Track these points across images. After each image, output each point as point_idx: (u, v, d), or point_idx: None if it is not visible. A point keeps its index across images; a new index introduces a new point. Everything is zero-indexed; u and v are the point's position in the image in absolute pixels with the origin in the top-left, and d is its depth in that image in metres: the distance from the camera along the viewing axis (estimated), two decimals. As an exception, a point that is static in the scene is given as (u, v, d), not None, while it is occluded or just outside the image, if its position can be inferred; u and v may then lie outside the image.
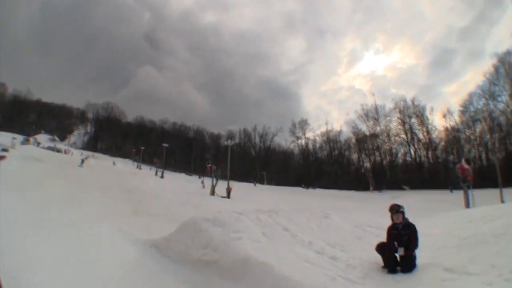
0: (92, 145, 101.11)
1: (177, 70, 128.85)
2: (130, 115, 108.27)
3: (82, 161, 43.06)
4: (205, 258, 8.81)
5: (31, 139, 77.47)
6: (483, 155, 70.79)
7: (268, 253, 8.27)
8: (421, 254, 8.18)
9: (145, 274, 8.76)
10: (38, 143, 76.43)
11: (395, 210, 8.37)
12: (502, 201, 26.04)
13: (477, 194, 27.35)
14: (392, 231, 8.30)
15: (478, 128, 73.01)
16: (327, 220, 12.19)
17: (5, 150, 42.23)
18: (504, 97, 69.12)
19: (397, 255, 8.00)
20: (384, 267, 8.02)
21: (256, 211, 11.54)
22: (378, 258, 8.30)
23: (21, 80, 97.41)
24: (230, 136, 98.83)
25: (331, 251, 9.27)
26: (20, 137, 70.76)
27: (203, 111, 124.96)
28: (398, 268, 7.87)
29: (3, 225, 9.70)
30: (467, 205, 25.01)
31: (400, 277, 7.58)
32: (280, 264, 7.65)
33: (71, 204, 16.97)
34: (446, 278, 7.08)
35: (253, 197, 41.05)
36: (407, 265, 7.77)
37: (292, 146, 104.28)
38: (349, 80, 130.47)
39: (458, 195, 30.60)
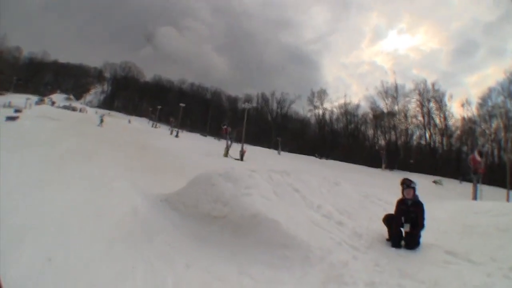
0: (108, 103, 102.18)
1: (198, 31, 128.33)
2: (148, 74, 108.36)
3: (101, 120, 44.02)
4: (214, 212, 9.03)
5: (46, 99, 78.87)
6: (496, 152, 70.39)
7: (277, 211, 8.47)
8: (425, 235, 8.22)
9: (154, 226, 8.92)
10: (53, 103, 77.08)
11: (407, 184, 8.36)
12: (508, 201, 26.18)
13: (484, 190, 27.40)
14: (401, 206, 8.31)
15: (494, 124, 72.90)
16: (337, 187, 12.27)
17: (18, 111, 43.94)
18: None
19: (402, 230, 8.07)
20: (389, 240, 8.14)
21: (268, 171, 11.77)
22: (384, 230, 8.43)
23: (37, 43, 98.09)
24: (248, 99, 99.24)
25: (338, 217, 9.41)
26: (34, 98, 71.95)
27: (221, 73, 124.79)
28: (402, 242, 7.98)
29: (17, 180, 10.44)
30: (475, 197, 25.14)
31: (403, 252, 7.70)
32: (288, 223, 7.88)
33: (86, 160, 17.67)
34: (448, 260, 7.16)
35: (266, 161, 41.53)
36: (412, 241, 7.85)
37: (309, 115, 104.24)
38: (371, 56, 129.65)
39: (467, 186, 30.57)
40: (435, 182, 44.38)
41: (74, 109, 71.57)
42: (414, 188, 8.33)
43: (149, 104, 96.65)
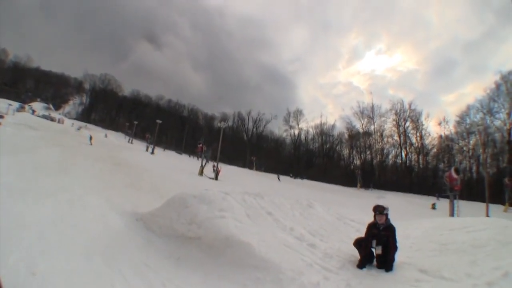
0: (86, 115, 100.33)
1: (177, 47, 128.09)
2: (127, 88, 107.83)
3: (91, 138, 42.37)
4: (189, 234, 9.12)
5: (26, 107, 77.56)
6: (474, 168, 71.23)
7: (250, 233, 8.57)
8: (398, 253, 8.24)
9: (129, 244, 9.06)
10: (33, 111, 76.30)
11: (379, 211, 8.40)
12: (488, 216, 26.47)
13: (463, 206, 27.78)
14: (373, 230, 8.33)
15: (472, 140, 73.43)
16: (310, 209, 12.51)
17: (0, 117, 43.02)
18: (502, 115, 69.61)
19: (373, 251, 8.12)
20: (360, 262, 8.13)
21: (242, 193, 11.80)
22: (356, 251, 8.46)
23: (22, 46, 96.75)
24: (224, 118, 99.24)
25: (310, 239, 9.54)
26: (16, 104, 70.92)
27: (198, 90, 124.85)
28: (374, 263, 8.06)
29: None
30: (452, 214, 25.42)
31: (375, 272, 7.77)
32: (260, 245, 7.97)
33: (62, 172, 17.73)
34: (420, 278, 7.25)
35: (240, 181, 41.53)
36: (383, 264, 7.91)
37: (284, 134, 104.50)
38: (348, 76, 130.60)
39: (444, 203, 30.93)
40: (433, 207, 44.32)
41: (52, 119, 71.07)
42: (386, 214, 8.37)
43: (126, 118, 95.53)
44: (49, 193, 12.30)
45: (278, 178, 61.55)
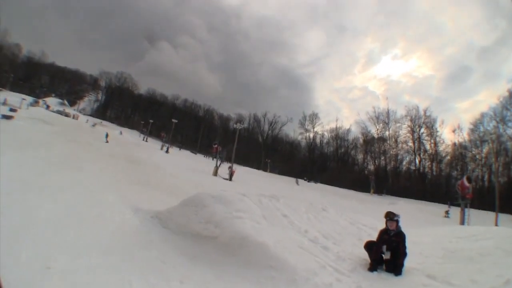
0: (101, 112, 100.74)
1: (193, 48, 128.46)
2: (143, 87, 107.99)
3: (107, 135, 41.08)
4: (206, 233, 9.37)
5: (41, 101, 78.38)
6: (486, 177, 70.68)
7: (266, 234, 8.85)
8: (408, 259, 8.51)
9: (145, 241, 9.17)
10: (48, 106, 77.01)
11: (390, 218, 8.75)
12: (497, 225, 26.51)
13: (473, 214, 27.85)
14: (384, 235, 8.69)
15: (485, 149, 73.18)
16: (324, 213, 12.74)
17: (13, 110, 43.66)
18: None
19: (383, 256, 8.50)
20: (370, 265, 8.48)
21: (258, 195, 12.03)
22: (367, 255, 8.79)
23: (37, 42, 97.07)
24: (240, 119, 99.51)
25: (324, 241, 9.81)
26: (29, 99, 71.39)
27: (214, 91, 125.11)
28: (383, 267, 8.40)
29: (14, 182, 10.83)
30: (462, 222, 25.53)
31: (385, 275, 8.08)
32: (276, 246, 8.28)
33: (76, 167, 18.06)
34: (428, 284, 7.53)
35: (254, 182, 41.76)
36: (392, 268, 8.25)
37: (299, 137, 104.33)
38: (364, 81, 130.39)
39: (456, 211, 30.91)
40: (446, 215, 43.82)
41: (67, 115, 71.58)
42: (397, 221, 8.72)
43: (141, 117, 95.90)
44: (64, 188, 12.48)
45: (297, 182, 60.88)
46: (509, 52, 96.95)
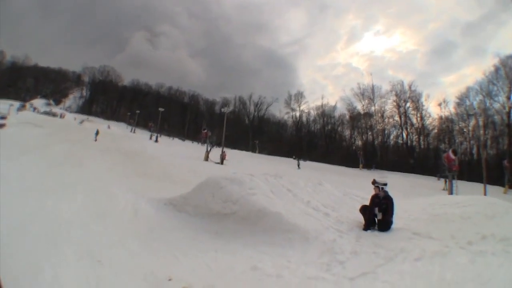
0: (87, 108, 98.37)
1: (174, 36, 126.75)
2: (127, 79, 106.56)
3: (97, 132, 39.39)
4: (225, 210, 10.96)
5: (27, 105, 76.77)
6: (475, 149, 71.12)
7: (277, 206, 10.56)
8: (396, 222, 10.12)
9: (168, 225, 10.59)
10: (34, 108, 75.96)
11: (374, 184, 10.86)
12: (485, 195, 27.97)
13: (463, 186, 29.02)
14: (375, 199, 10.41)
15: (472, 122, 73.14)
16: (320, 187, 14.25)
17: (3, 117, 42.50)
18: (501, 98, 69.27)
19: (376, 217, 10.19)
20: (365, 225, 10.15)
21: (264, 174, 13.66)
22: (362, 219, 10.41)
23: (19, 45, 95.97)
24: (226, 103, 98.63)
25: (324, 209, 11.48)
26: (16, 104, 70.26)
27: (198, 77, 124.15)
28: (376, 227, 10.05)
29: (20, 188, 11.60)
30: (450, 193, 26.89)
31: (377, 233, 9.66)
32: (287, 214, 10.02)
33: (76, 166, 19.12)
34: (413, 237, 9.02)
35: (244, 164, 42.75)
36: (384, 225, 9.91)
37: (286, 117, 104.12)
38: (347, 58, 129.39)
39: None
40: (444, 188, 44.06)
41: (54, 114, 71.35)
42: (377, 187, 10.59)
43: (127, 108, 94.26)
44: (73, 187, 13.21)
45: (298, 165, 55.03)
46: (495, 28, 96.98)
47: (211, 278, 6.85)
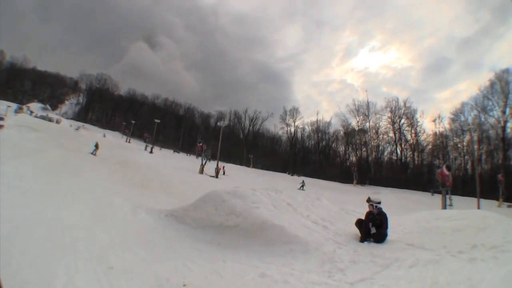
0: (83, 115, 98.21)
1: (172, 47, 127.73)
2: (123, 88, 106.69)
3: (96, 146, 33.85)
4: (228, 223, 11.41)
5: (24, 108, 76.90)
6: (469, 164, 71.40)
7: (279, 219, 11.09)
8: (391, 234, 10.78)
9: (171, 236, 10.93)
10: (31, 112, 75.57)
11: (368, 202, 11.76)
12: (479, 209, 28.51)
13: (457, 200, 29.51)
14: (370, 215, 11.09)
15: (467, 137, 73.96)
16: (318, 202, 14.86)
17: (1, 119, 43.36)
18: (496, 112, 69.83)
19: (371, 230, 10.82)
20: (361, 237, 10.77)
21: (265, 189, 14.11)
22: (357, 231, 11.08)
23: (18, 47, 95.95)
24: (221, 117, 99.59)
25: (323, 223, 12.04)
26: (14, 106, 70.71)
27: (194, 89, 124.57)
28: (371, 239, 10.64)
29: (19, 193, 11.68)
30: (444, 207, 27.28)
31: (373, 244, 10.26)
32: (289, 227, 10.56)
33: (74, 174, 19.15)
34: (407, 248, 9.61)
35: (239, 178, 43.13)
36: (379, 238, 10.55)
37: (280, 132, 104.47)
38: (342, 74, 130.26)
39: (438, 198, 32.45)
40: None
41: (50, 119, 69.94)
42: (371, 205, 11.33)
43: (122, 118, 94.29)
44: (72, 194, 13.65)
45: (303, 186, 47.10)
46: (491, 42, 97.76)
47: (223, 284, 7.18)
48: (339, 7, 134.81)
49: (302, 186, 46.99)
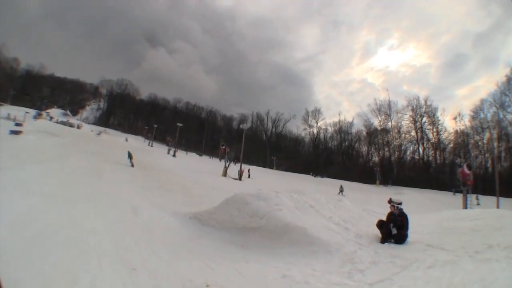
0: (104, 120, 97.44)
1: (189, 51, 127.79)
2: (144, 93, 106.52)
3: (130, 156, 30.76)
4: (251, 224, 11.71)
5: (44, 114, 76.65)
6: (490, 162, 70.53)
7: (302, 221, 11.35)
8: (411, 235, 11.00)
9: (194, 237, 11.19)
10: (51, 118, 75.66)
11: (389, 202, 12.21)
12: (498, 207, 28.29)
13: (473, 198, 29.38)
14: (391, 216, 11.33)
15: (487, 135, 73.12)
16: (340, 203, 15.11)
17: (19, 124, 42.08)
18: None
19: (392, 231, 11.01)
20: (382, 238, 11.02)
21: (288, 191, 14.38)
22: (379, 233, 11.29)
23: (35, 54, 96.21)
24: (243, 119, 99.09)
25: (344, 224, 12.35)
26: (32, 112, 70.11)
27: (214, 93, 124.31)
28: (392, 240, 10.86)
29: (44, 197, 11.60)
30: (465, 207, 27.06)
31: (393, 245, 10.56)
32: (311, 228, 10.84)
33: (96, 177, 19.19)
34: (426, 249, 9.87)
35: (263, 181, 42.66)
36: (399, 239, 10.76)
37: (303, 133, 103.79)
38: (362, 73, 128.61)
39: (460, 198, 32.04)
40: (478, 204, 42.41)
41: (71, 125, 71.20)
42: (393, 205, 11.61)
43: (144, 122, 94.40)
44: (95, 198, 13.51)
45: (341, 192, 44.90)
46: (505, 37, 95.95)
47: (245, 284, 7.42)
48: (354, 6, 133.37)
49: (341, 191, 45.08)
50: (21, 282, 5.34)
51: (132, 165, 29.53)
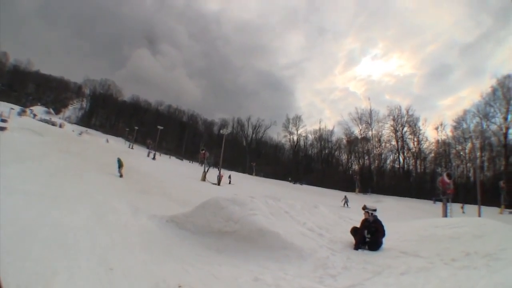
0: (86, 120, 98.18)
1: (174, 55, 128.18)
2: (127, 94, 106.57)
3: (120, 164, 27.73)
4: (226, 229, 11.62)
5: (28, 111, 77.60)
6: (471, 172, 71.19)
7: (276, 226, 11.30)
8: (386, 242, 10.92)
9: (171, 241, 11.15)
10: (34, 115, 76.66)
11: (364, 209, 12.04)
12: (480, 216, 28.60)
13: (458, 207, 29.63)
14: (365, 222, 11.32)
15: (469, 145, 73.80)
16: (315, 209, 15.15)
17: (4, 120, 43.89)
18: (498, 119, 70.04)
19: (366, 238, 10.99)
20: (356, 244, 10.97)
21: (264, 197, 14.45)
22: (353, 239, 11.25)
23: (22, 50, 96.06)
24: (224, 124, 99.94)
25: (319, 230, 12.30)
26: (17, 108, 71.07)
27: (197, 96, 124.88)
28: (366, 247, 10.83)
29: (23, 196, 11.87)
30: (445, 215, 27.28)
31: (367, 252, 10.48)
32: (285, 234, 10.78)
33: (77, 178, 19.49)
34: (400, 255, 9.80)
35: (242, 186, 43.21)
36: (373, 245, 10.73)
37: (283, 140, 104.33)
38: (345, 82, 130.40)
39: (440, 206, 32.39)
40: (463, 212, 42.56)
41: (53, 124, 71.54)
42: (367, 212, 11.57)
43: (125, 123, 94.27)
44: (75, 199, 13.73)
45: (346, 203, 43.60)
46: (493, 47, 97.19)
47: (217, 286, 7.44)
48: (340, 14, 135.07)
49: (346, 202, 43.56)
50: (4, 276, 5.18)
51: (121, 175, 26.71)
